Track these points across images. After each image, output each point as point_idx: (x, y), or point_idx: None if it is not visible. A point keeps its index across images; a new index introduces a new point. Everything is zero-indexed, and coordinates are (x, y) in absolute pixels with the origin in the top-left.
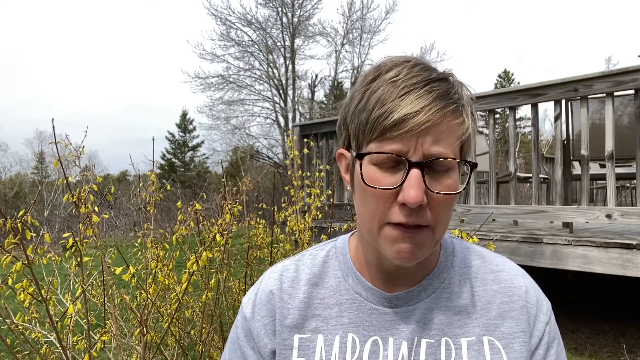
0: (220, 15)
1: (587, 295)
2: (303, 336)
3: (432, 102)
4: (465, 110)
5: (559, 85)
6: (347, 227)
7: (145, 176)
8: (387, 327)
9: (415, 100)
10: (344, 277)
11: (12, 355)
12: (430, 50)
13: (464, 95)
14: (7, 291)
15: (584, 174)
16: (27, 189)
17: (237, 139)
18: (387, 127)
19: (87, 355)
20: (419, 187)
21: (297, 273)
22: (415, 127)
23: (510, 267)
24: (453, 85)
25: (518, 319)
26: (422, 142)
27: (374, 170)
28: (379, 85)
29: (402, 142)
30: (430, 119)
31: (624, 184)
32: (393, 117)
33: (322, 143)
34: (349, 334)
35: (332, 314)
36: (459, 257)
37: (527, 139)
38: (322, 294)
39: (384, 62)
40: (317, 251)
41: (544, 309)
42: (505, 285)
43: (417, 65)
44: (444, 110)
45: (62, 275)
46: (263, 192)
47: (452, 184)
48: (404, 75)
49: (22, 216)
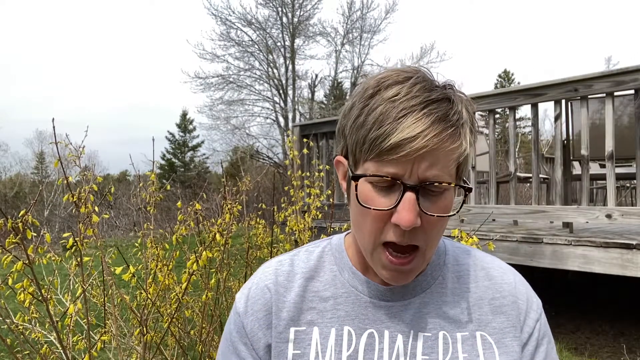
0: (220, 15)
1: (587, 295)
2: (299, 329)
3: (429, 126)
4: (464, 131)
5: (559, 85)
6: (347, 227)
7: (145, 176)
8: (383, 320)
9: (413, 124)
10: (340, 271)
11: (12, 355)
12: (430, 50)
13: (464, 114)
14: (7, 291)
15: (584, 174)
16: (27, 189)
17: (237, 139)
18: (384, 150)
19: (87, 355)
20: (413, 211)
21: (292, 267)
22: (411, 152)
23: (499, 265)
24: (453, 105)
25: (508, 314)
26: (417, 166)
27: (369, 189)
28: (378, 104)
29: (398, 166)
30: (427, 144)
31: (624, 184)
32: (390, 141)
33: (322, 143)
34: (344, 326)
35: (328, 306)
36: (450, 255)
37: (527, 139)
38: (317, 287)
39: (385, 77)
40: (312, 248)
41: (534, 305)
42: (495, 282)
43: (417, 84)
44: (441, 135)
45: (62, 275)
46: (263, 192)
47: (446, 206)
48: (404, 95)
49: (22, 216)
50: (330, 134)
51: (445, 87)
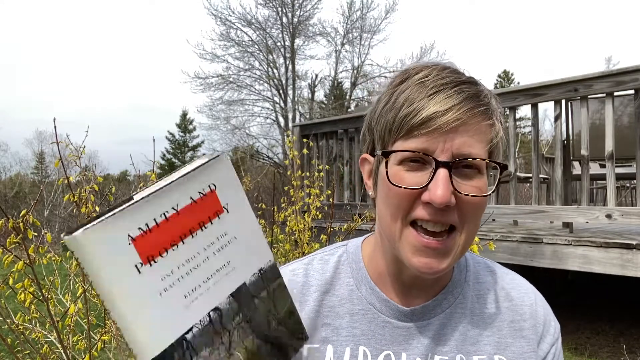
0: (220, 15)
1: (587, 295)
2: (312, 346)
3: (461, 101)
4: (495, 114)
5: (559, 85)
6: (347, 227)
7: (146, 176)
8: (401, 341)
9: (444, 99)
10: (357, 286)
11: (12, 355)
12: (430, 50)
13: (493, 103)
14: (8, 291)
15: (584, 174)
16: (27, 189)
17: (237, 139)
18: (415, 125)
19: (87, 355)
20: (446, 187)
21: (306, 278)
22: (443, 124)
23: (520, 284)
24: (483, 89)
25: (529, 339)
26: (450, 142)
27: (399, 170)
28: (408, 86)
29: (430, 141)
30: (459, 117)
31: (624, 184)
32: (421, 115)
33: (322, 143)
34: (360, 346)
35: (343, 324)
36: (472, 271)
37: (527, 139)
38: (333, 301)
39: (412, 66)
40: (327, 256)
41: (551, 329)
42: (516, 303)
43: (447, 69)
44: (473, 110)
45: (62, 275)
46: (263, 192)
47: (481, 187)
48: (434, 77)
49: (24, 216)
50: (330, 134)
51: (472, 78)
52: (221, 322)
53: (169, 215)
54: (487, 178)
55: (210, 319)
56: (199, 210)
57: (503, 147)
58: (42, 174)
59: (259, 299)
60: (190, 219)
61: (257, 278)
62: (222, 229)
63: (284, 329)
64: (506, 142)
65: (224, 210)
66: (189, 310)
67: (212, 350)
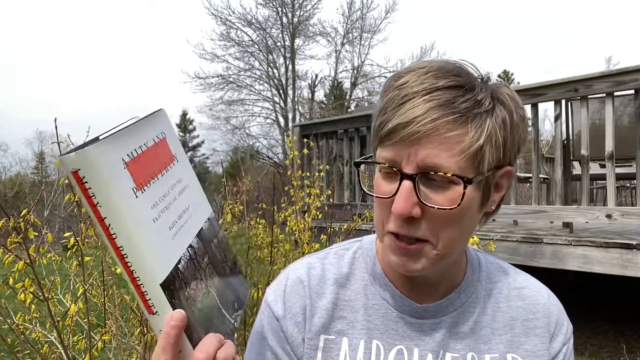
0: (220, 15)
1: (587, 295)
2: (328, 337)
3: (426, 112)
4: (478, 120)
5: (559, 85)
6: (347, 227)
7: None
8: (413, 337)
9: (410, 110)
10: (372, 281)
11: (12, 355)
12: (430, 50)
13: (486, 103)
14: (8, 291)
15: (584, 174)
16: (27, 189)
17: (237, 139)
18: (383, 135)
19: (87, 355)
20: (406, 199)
21: (323, 272)
22: (405, 137)
23: (533, 284)
24: (467, 94)
25: (542, 337)
26: (415, 153)
27: (378, 177)
28: (390, 92)
29: (396, 152)
30: (419, 130)
31: (624, 184)
32: (387, 127)
33: (322, 143)
34: (373, 340)
35: (358, 317)
36: (484, 272)
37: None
38: (349, 295)
39: (409, 66)
40: (342, 250)
41: (564, 329)
42: (529, 302)
43: (429, 73)
44: (437, 121)
45: (62, 275)
46: (263, 192)
47: (452, 199)
48: (410, 83)
49: (24, 216)
50: (330, 134)
51: (473, 77)
52: (196, 259)
53: (144, 150)
54: (473, 189)
55: (190, 255)
56: (160, 154)
57: (501, 149)
58: (42, 174)
59: (213, 244)
60: (156, 160)
61: (208, 225)
62: (177, 175)
63: (234, 275)
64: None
65: (174, 159)
66: (174, 242)
67: (196, 284)
